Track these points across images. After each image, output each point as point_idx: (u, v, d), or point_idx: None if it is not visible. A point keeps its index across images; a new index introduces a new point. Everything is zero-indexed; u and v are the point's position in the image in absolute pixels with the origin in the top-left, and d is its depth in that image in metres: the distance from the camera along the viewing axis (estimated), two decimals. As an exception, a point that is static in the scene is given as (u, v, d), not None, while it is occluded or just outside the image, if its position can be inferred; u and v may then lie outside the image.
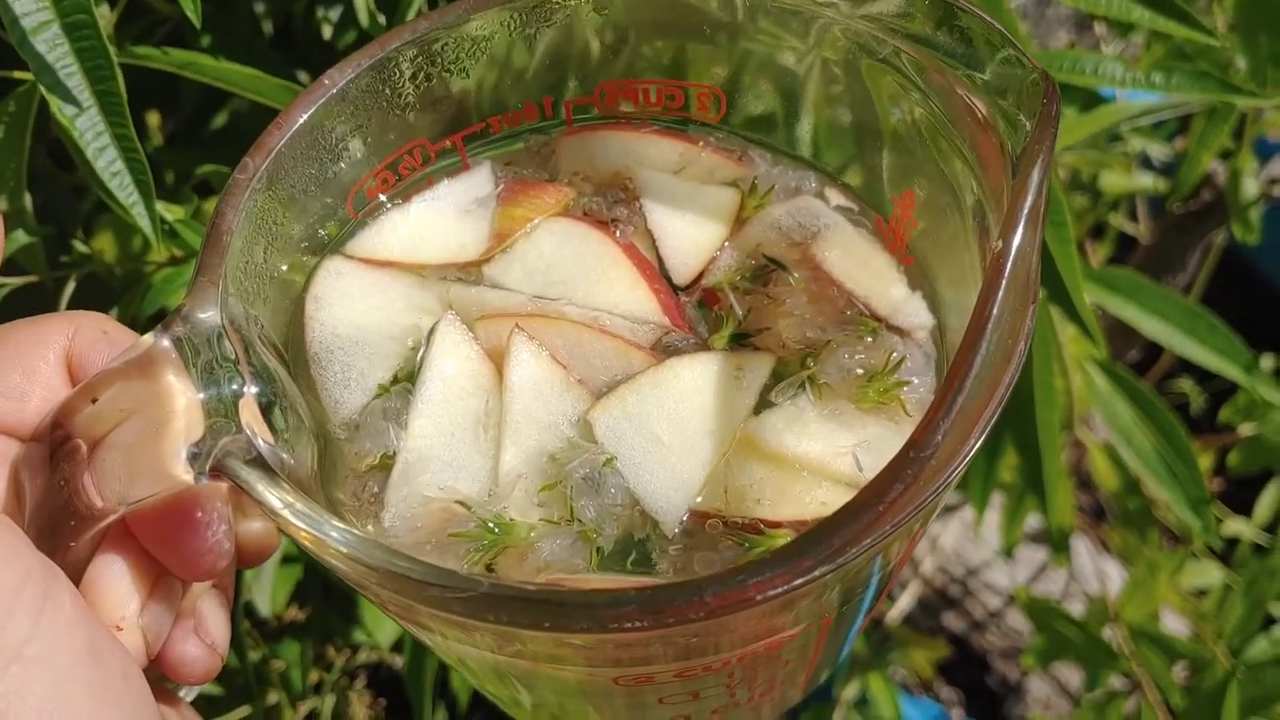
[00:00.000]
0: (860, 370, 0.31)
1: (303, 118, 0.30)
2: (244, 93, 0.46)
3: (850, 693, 0.90)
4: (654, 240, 0.34)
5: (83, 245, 0.53)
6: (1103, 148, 0.78)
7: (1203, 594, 0.81)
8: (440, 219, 0.35)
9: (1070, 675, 1.08)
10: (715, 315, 0.33)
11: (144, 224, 0.40)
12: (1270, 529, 0.89)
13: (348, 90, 0.31)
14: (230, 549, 0.26)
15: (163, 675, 0.27)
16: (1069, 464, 0.82)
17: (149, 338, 0.25)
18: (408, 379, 0.31)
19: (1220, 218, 0.85)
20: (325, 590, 0.78)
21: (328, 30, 0.58)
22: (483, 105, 0.35)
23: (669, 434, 0.29)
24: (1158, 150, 0.86)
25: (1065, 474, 0.65)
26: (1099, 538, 1.00)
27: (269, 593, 0.66)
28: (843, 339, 0.31)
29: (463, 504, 0.29)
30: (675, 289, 0.34)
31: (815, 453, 0.29)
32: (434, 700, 0.68)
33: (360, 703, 0.89)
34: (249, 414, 0.25)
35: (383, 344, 0.32)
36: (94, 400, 0.24)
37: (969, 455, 0.22)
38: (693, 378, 0.30)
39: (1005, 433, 0.64)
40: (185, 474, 0.24)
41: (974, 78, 0.26)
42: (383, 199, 0.34)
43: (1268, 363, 0.93)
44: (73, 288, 0.51)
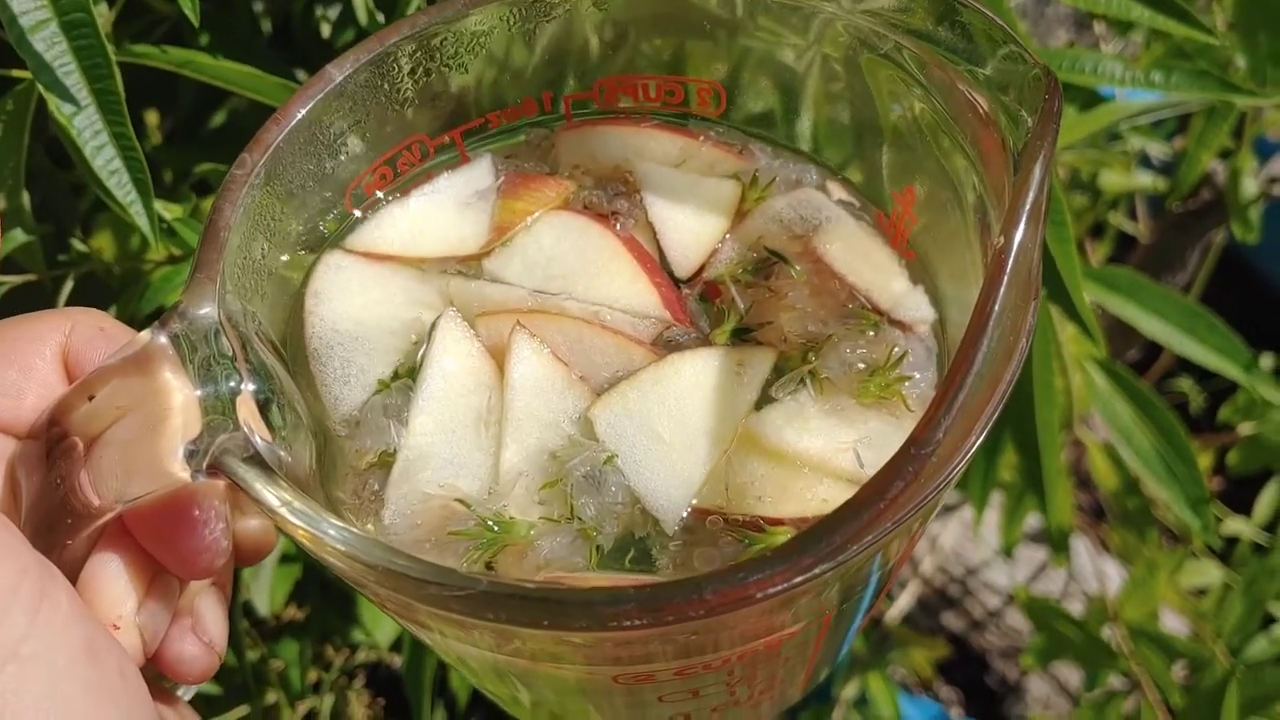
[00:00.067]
0: (862, 365, 0.30)
1: (301, 113, 0.30)
2: (242, 91, 0.45)
3: (850, 692, 0.90)
4: (655, 233, 0.34)
5: (81, 244, 0.53)
6: (1102, 147, 0.78)
7: (1202, 593, 0.81)
8: (440, 212, 0.35)
9: (1070, 675, 1.08)
10: (717, 309, 0.33)
11: (142, 223, 0.40)
12: (1269, 528, 0.89)
13: (346, 85, 0.31)
14: (228, 547, 0.26)
15: (160, 674, 0.27)
16: (1068, 463, 0.82)
17: (146, 334, 0.24)
18: (408, 374, 0.31)
19: (1220, 217, 0.85)
20: (324, 589, 0.78)
21: (326, 29, 0.58)
22: (482, 101, 0.35)
23: (670, 431, 0.29)
24: (1157, 149, 0.86)
25: (1065, 473, 0.65)
26: (1098, 537, 1.00)
27: (267, 592, 0.66)
28: (844, 333, 0.31)
29: (462, 502, 0.28)
30: (676, 282, 0.34)
31: (816, 449, 0.29)
32: (433, 699, 0.68)
33: (359, 702, 0.89)
34: (246, 411, 0.25)
35: (383, 339, 0.32)
36: (91, 397, 0.24)
37: (970, 452, 0.22)
38: (694, 374, 0.30)
39: (1005, 432, 0.64)
40: (182, 471, 0.24)
41: (975, 73, 0.26)
42: (381, 195, 0.34)
43: (1267, 362, 0.93)
44: (71, 286, 0.51)
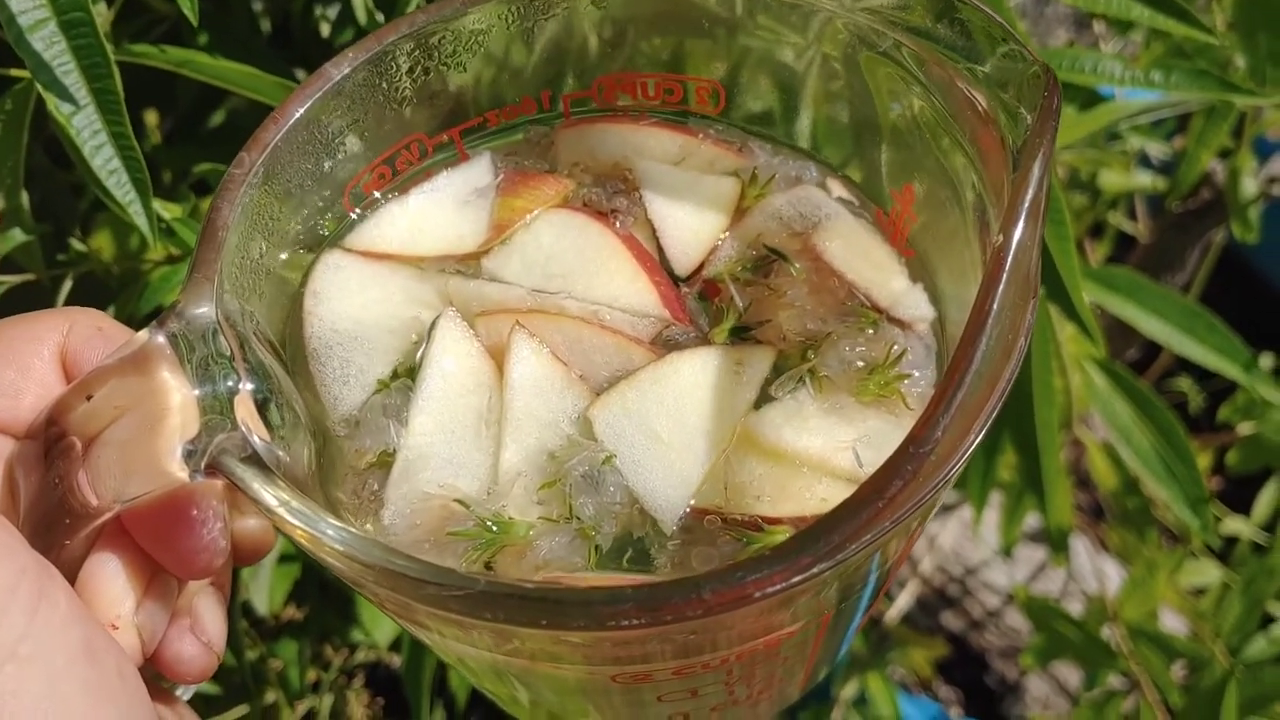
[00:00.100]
0: (861, 363, 0.30)
1: (299, 112, 0.30)
2: (242, 91, 0.45)
3: (849, 692, 0.90)
4: (654, 231, 0.34)
5: (80, 243, 0.53)
6: (1102, 146, 0.78)
7: (1201, 593, 0.81)
8: (439, 210, 0.35)
9: (1069, 674, 1.08)
10: (716, 307, 0.33)
11: (141, 222, 0.40)
12: (1269, 528, 0.89)
13: (344, 84, 0.31)
14: (226, 547, 0.26)
15: (159, 674, 0.27)
16: (1068, 463, 0.82)
17: (144, 334, 0.24)
18: (407, 374, 0.31)
19: (1219, 216, 0.85)
20: (323, 589, 0.78)
21: (326, 28, 0.58)
22: (480, 99, 0.35)
23: (668, 431, 0.29)
24: (1157, 149, 0.86)
25: (1064, 473, 0.65)
26: (1097, 537, 1.00)
27: (266, 591, 0.66)
28: (843, 331, 0.31)
29: (461, 502, 0.28)
30: (676, 280, 0.34)
31: (815, 448, 0.28)
32: (432, 699, 0.68)
33: (358, 702, 0.90)
34: (244, 411, 0.25)
35: (382, 338, 0.32)
36: (89, 397, 0.24)
37: (969, 451, 0.22)
38: (692, 373, 0.30)
39: (1004, 431, 0.64)
40: (180, 471, 0.24)
41: (974, 71, 0.26)
42: (379, 194, 0.34)
43: (1266, 361, 0.93)
44: (70, 286, 0.51)
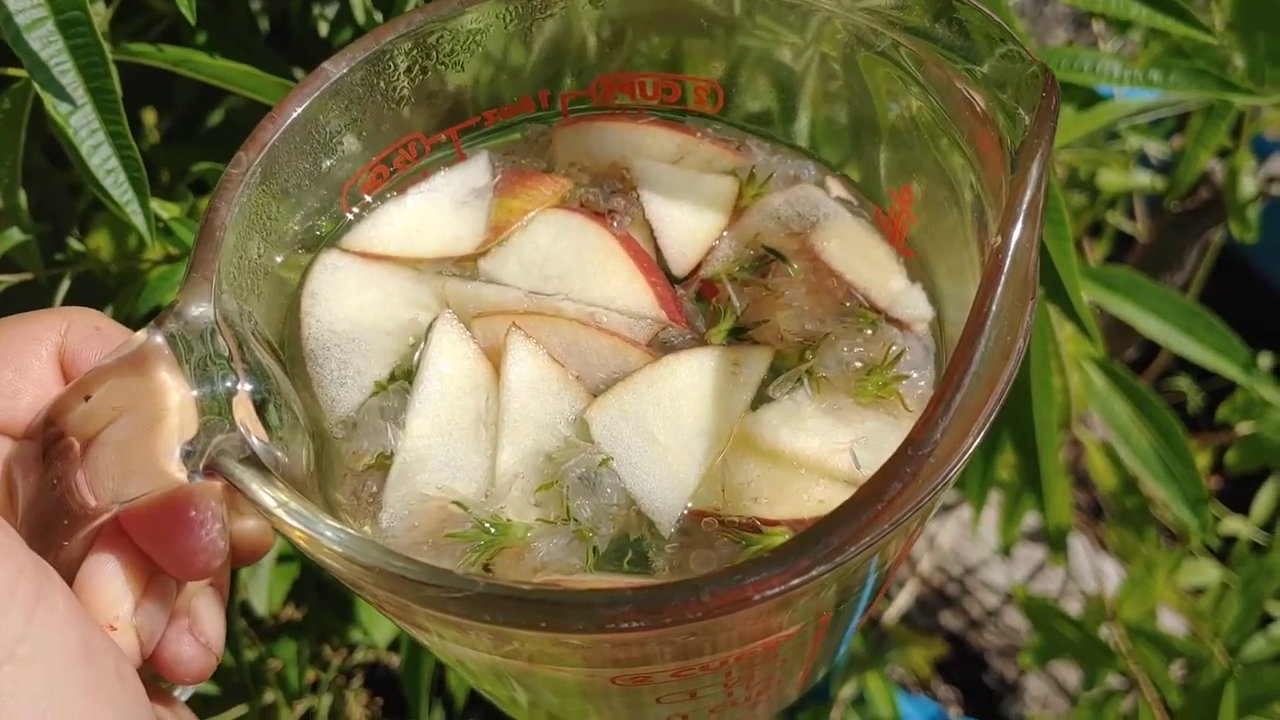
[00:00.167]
0: (859, 363, 0.30)
1: (296, 111, 0.30)
2: (240, 90, 0.45)
3: (848, 691, 0.90)
4: (652, 231, 0.34)
5: (78, 243, 0.53)
6: (1100, 146, 0.78)
7: (1200, 592, 0.81)
8: (437, 211, 0.34)
9: (1068, 674, 1.08)
10: (713, 308, 0.33)
11: (139, 222, 0.40)
12: (1268, 527, 0.89)
13: (342, 84, 0.31)
14: (224, 548, 0.26)
15: (157, 675, 0.27)
16: (1067, 462, 0.82)
17: (142, 334, 0.24)
18: (404, 376, 0.31)
19: (1218, 216, 0.85)
20: (321, 589, 0.77)
21: (324, 27, 0.58)
22: (478, 99, 0.35)
23: (665, 433, 0.29)
24: (1155, 148, 0.86)
25: (1063, 472, 0.65)
26: (1096, 536, 1.00)
27: (265, 591, 0.66)
28: (841, 331, 0.31)
29: (459, 504, 0.28)
30: (673, 280, 0.33)
31: (813, 449, 0.28)
32: (431, 699, 0.68)
33: (357, 702, 0.90)
34: (243, 411, 0.25)
35: (379, 340, 0.32)
36: (87, 397, 0.24)
37: (968, 453, 0.22)
38: (689, 375, 0.30)
39: (1003, 431, 0.64)
40: (179, 472, 0.23)
41: (973, 71, 0.26)
42: (377, 194, 0.34)
43: (1265, 361, 0.93)
44: (68, 286, 0.51)
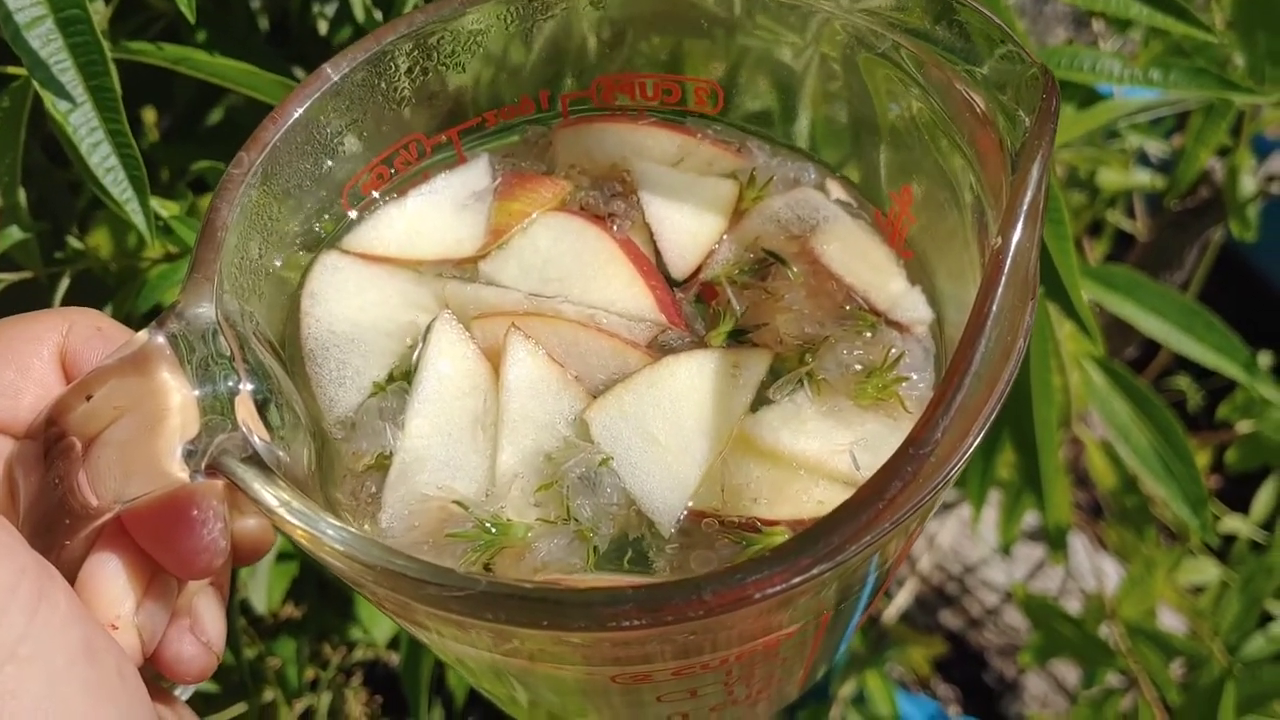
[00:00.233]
0: (859, 366, 0.30)
1: (298, 112, 0.30)
2: (239, 88, 0.45)
3: (848, 690, 0.90)
4: (652, 234, 0.34)
5: (77, 241, 0.53)
6: (1100, 145, 0.78)
7: (1200, 591, 0.81)
8: (437, 213, 0.35)
9: (1067, 672, 1.08)
10: (713, 311, 0.33)
11: (138, 220, 0.40)
12: (1267, 526, 0.89)
13: (343, 84, 0.31)
14: (226, 547, 0.26)
15: (158, 674, 0.27)
16: (1066, 461, 0.82)
17: (143, 334, 0.24)
18: (403, 377, 0.31)
19: (1218, 215, 0.85)
20: (321, 587, 0.78)
21: (323, 26, 0.58)
22: (479, 99, 0.35)
23: (665, 433, 0.29)
24: (1155, 147, 0.86)
25: (1063, 471, 0.65)
26: (1096, 535, 1.00)
27: (265, 590, 0.66)
28: (841, 334, 0.31)
29: (459, 504, 0.28)
30: (673, 284, 0.33)
31: (812, 451, 0.28)
32: (430, 697, 0.68)
33: (356, 700, 0.90)
34: (244, 411, 0.25)
35: (378, 341, 0.32)
36: (88, 397, 0.24)
37: (968, 452, 0.22)
38: (689, 376, 0.30)
39: (1003, 430, 0.64)
40: (180, 472, 0.24)
41: (973, 72, 0.26)
42: (378, 194, 0.34)
43: (1265, 360, 0.93)
44: (67, 284, 0.51)
